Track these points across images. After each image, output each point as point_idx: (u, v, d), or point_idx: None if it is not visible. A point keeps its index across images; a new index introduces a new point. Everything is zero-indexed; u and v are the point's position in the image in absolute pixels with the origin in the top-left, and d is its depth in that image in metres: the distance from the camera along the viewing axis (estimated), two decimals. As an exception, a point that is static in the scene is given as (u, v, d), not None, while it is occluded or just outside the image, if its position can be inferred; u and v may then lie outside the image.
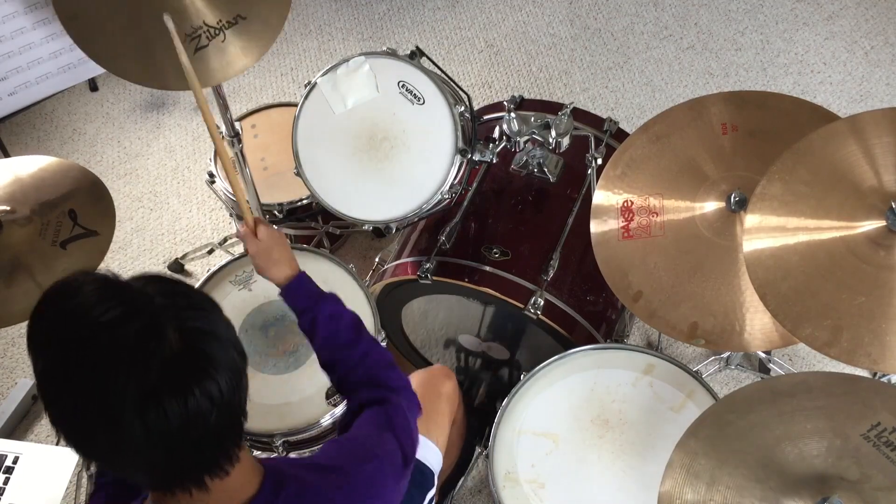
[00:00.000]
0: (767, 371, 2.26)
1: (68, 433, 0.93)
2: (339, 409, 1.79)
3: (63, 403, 0.91)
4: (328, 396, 1.81)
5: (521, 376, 1.75)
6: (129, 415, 0.88)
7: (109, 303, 0.91)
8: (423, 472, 1.59)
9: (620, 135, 2.08)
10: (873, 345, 1.38)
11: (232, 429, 0.99)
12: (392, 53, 1.93)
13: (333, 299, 1.44)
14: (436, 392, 1.72)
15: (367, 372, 1.37)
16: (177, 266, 2.60)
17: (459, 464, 1.98)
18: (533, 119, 1.94)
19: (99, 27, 1.70)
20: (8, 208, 1.74)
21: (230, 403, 0.95)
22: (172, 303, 0.94)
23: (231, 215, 2.56)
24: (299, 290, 1.43)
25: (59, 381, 0.91)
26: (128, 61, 1.70)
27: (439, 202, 1.91)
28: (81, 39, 1.70)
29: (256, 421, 1.78)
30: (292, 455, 1.84)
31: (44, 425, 2.37)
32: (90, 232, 1.71)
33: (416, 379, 1.75)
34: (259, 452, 1.90)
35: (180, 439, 0.92)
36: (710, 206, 1.69)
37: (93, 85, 3.09)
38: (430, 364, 2.25)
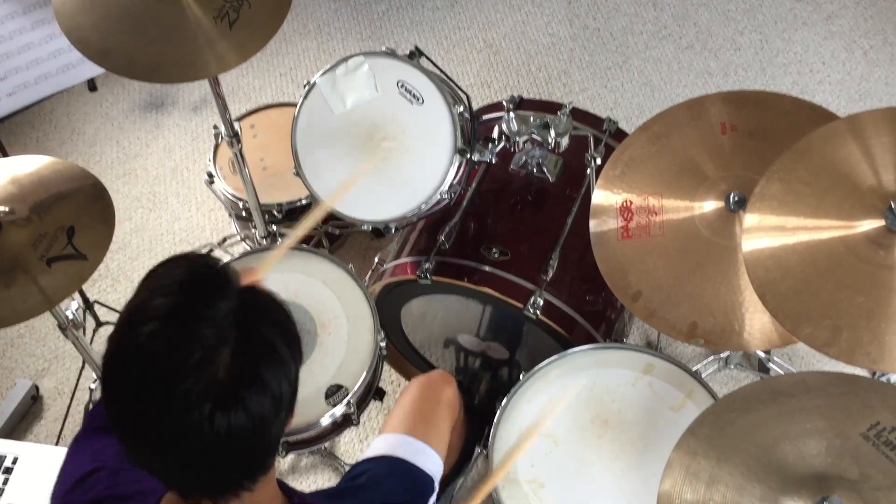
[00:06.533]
0: (767, 371, 2.26)
1: (107, 389, 0.96)
2: (340, 409, 1.79)
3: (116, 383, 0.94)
4: (328, 396, 1.81)
5: (521, 376, 1.75)
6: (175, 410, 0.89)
7: (172, 345, 0.90)
8: (424, 479, 1.59)
9: (619, 134, 2.08)
10: (872, 344, 1.38)
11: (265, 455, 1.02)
12: (391, 53, 1.93)
13: None
14: (436, 398, 1.71)
15: None
16: (176, 266, 2.60)
17: (458, 463, 1.98)
18: (532, 119, 1.94)
19: (117, 45, 1.74)
20: (7, 209, 1.73)
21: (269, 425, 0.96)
22: (242, 363, 0.92)
23: (230, 215, 2.56)
24: None
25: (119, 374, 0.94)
26: (161, 68, 1.77)
27: (438, 202, 1.91)
28: (113, 65, 1.74)
29: (256, 421, 1.77)
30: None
31: (44, 425, 2.37)
32: (79, 255, 1.68)
33: (416, 385, 1.74)
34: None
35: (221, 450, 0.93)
36: (710, 205, 1.69)
37: (92, 85, 3.09)
38: (429, 363, 2.25)
